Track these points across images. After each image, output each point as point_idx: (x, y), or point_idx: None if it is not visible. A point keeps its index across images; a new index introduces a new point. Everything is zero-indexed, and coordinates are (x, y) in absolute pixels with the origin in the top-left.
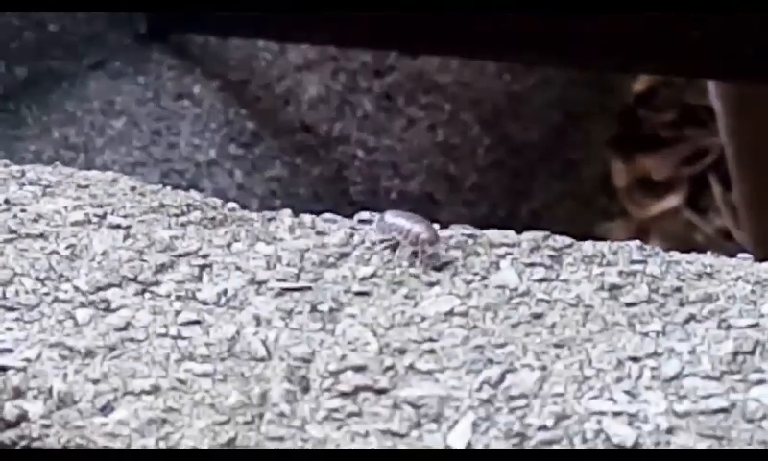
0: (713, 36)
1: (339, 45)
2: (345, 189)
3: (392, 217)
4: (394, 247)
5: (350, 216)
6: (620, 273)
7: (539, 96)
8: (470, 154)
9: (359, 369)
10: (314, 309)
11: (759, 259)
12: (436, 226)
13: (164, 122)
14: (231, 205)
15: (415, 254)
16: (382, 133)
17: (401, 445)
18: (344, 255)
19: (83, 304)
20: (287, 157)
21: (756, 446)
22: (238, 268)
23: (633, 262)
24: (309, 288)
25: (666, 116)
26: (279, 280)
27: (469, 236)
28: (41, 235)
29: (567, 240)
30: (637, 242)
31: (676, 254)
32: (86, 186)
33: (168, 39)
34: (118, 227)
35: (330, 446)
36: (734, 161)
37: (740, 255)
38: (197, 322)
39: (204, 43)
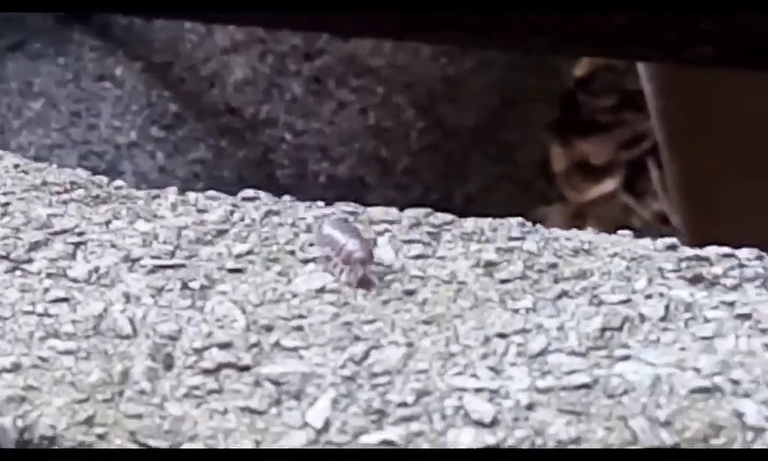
0: (640, 19)
1: (267, 27)
2: (271, 173)
3: (328, 228)
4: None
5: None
6: (498, 250)
7: (476, 80)
8: (403, 137)
9: (224, 346)
10: (185, 287)
11: (691, 242)
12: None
13: (84, 104)
14: (118, 183)
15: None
16: (311, 116)
17: (260, 422)
18: (221, 233)
19: None
20: (211, 139)
21: (614, 421)
22: (113, 245)
23: (511, 239)
24: (183, 266)
25: (606, 101)
26: (153, 258)
27: (351, 213)
28: None
29: (449, 217)
30: (519, 219)
31: (556, 231)
32: None
33: (90, 20)
34: None
35: (188, 424)
36: (665, 144)
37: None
38: (65, 299)
39: (128, 24)
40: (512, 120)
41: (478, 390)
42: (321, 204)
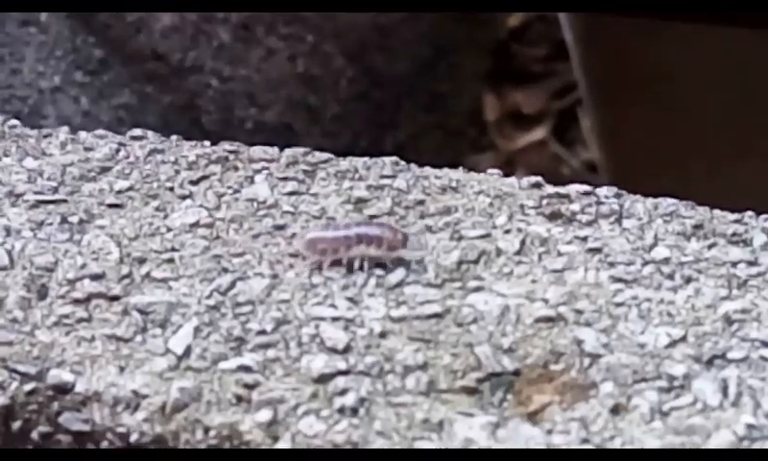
0: None
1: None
2: (197, 118)
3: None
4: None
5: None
6: (369, 187)
7: (407, 29)
8: (332, 85)
9: (96, 277)
10: (64, 221)
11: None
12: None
13: (7, 48)
14: (13, 122)
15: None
16: (238, 63)
17: (125, 349)
18: (105, 170)
19: None
20: (137, 85)
21: (460, 348)
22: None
23: (383, 177)
24: (64, 201)
25: (538, 51)
26: (36, 193)
27: (232, 152)
28: None
29: (325, 156)
30: (394, 158)
31: (427, 170)
32: None
33: None
34: None
35: (57, 350)
36: (586, 93)
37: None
38: None
39: None
40: (444, 70)
41: (335, 319)
42: (207, 143)
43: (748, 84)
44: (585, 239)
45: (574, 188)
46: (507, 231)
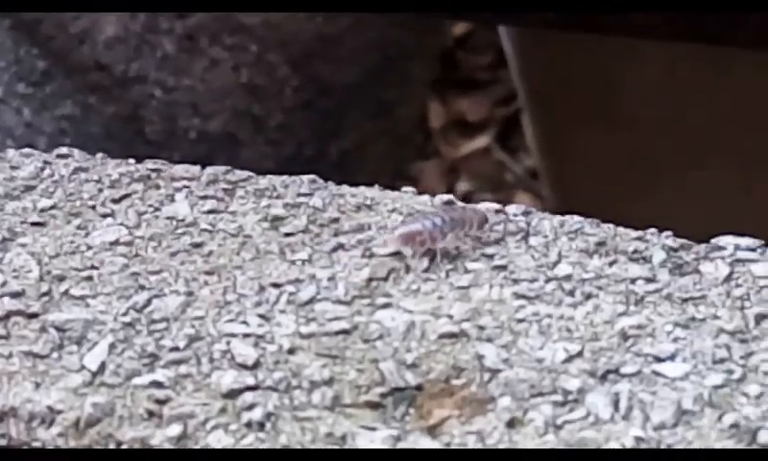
0: None
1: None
2: (140, 129)
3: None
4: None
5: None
6: (286, 205)
7: (353, 38)
8: (277, 94)
9: (16, 295)
10: None
11: (551, 194)
12: None
13: None
14: None
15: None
16: (182, 73)
17: (41, 366)
18: (29, 188)
19: None
20: (80, 96)
21: (366, 364)
22: None
23: (300, 195)
24: None
25: (483, 59)
26: None
27: (154, 170)
28: None
29: (246, 174)
30: (312, 176)
31: (344, 188)
32: None
33: None
34: None
35: None
36: (525, 103)
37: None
38: None
39: None
40: (390, 78)
41: (246, 335)
42: (132, 161)
43: (686, 97)
44: (491, 257)
45: (484, 206)
46: None
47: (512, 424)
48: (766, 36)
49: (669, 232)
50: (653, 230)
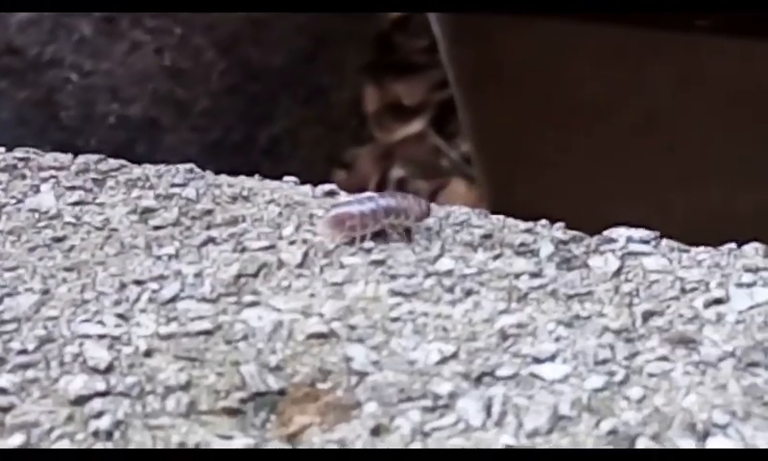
0: None
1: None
2: (55, 114)
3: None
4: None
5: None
6: (157, 196)
7: (284, 22)
8: (202, 78)
9: None
10: None
11: (483, 179)
12: None
13: None
14: None
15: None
16: (101, 56)
17: None
18: None
19: None
20: None
21: (226, 367)
22: None
23: (174, 185)
24: None
25: (420, 42)
26: None
27: (22, 159)
28: None
29: (118, 163)
30: (189, 165)
31: (222, 178)
32: None
33: None
34: None
35: None
36: (455, 88)
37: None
38: None
39: None
40: (324, 62)
41: (101, 336)
42: (1, 150)
43: (619, 83)
44: (369, 251)
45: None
46: (292, 243)
47: (377, 431)
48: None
49: (561, 224)
50: (544, 221)
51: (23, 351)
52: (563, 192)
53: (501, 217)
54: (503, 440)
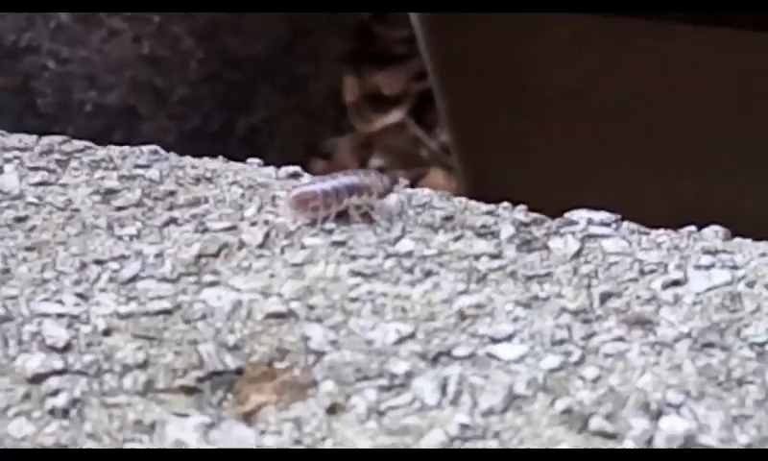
0: None
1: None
2: (31, 101)
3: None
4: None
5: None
6: (121, 177)
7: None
8: (181, 67)
9: None
10: None
11: (461, 171)
12: None
13: None
14: None
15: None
16: (78, 44)
17: None
18: None
19: None
20: None
21: (184, 346)
22: None
23: (137, 167)
24: None
25: (401, 32)
26: None
27: None
28: None
29: (82, 144)
30: (153, 147)
31: (186, 159)
32: None
33: None
34: None
35: None
36: (432, 78)
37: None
38: None
39: None
40: (303, 51)
41: (60, 315)
42: None
43: (593, 71)
44: (330, 232)
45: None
46: (253, 224)
47: (332, 410)
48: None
49: (523, 206)
50: (506, 203)
51: None
52: (537, 179)
53: (464, 199)
54: (457, 419)
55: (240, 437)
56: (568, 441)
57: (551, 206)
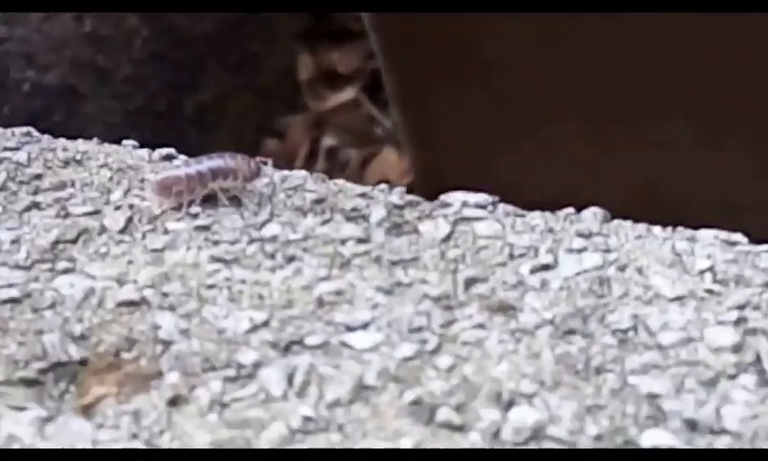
0: None
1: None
2: None
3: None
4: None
5: None
6: None
7: None
8: (125, 45)
9: None
10: None
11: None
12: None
13: None
14: None
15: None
16: (15, 22)
17: None
18: None
19: None
20: None
21: (29, 336)
22: None
23: (6, 149)
24: None
25: None
26: None
27: None
28: None
29: None
30: (27, 129)
31: (60, 141)
32: None
33: None
34: None
35: None
36: (379, 56)
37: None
38: None
39: None
40: (256, 29)
41: None
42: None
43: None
44: (196, 216)
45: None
46: (118, 208)
47: (174, 402)
48: None
49: (401, 188)
50: (383, 185)
51: None
52: (488, 160)
53: (340, 182)
54: (301, 411)
55: (76, 431)
56: (413, 434)
57: (498, 184)
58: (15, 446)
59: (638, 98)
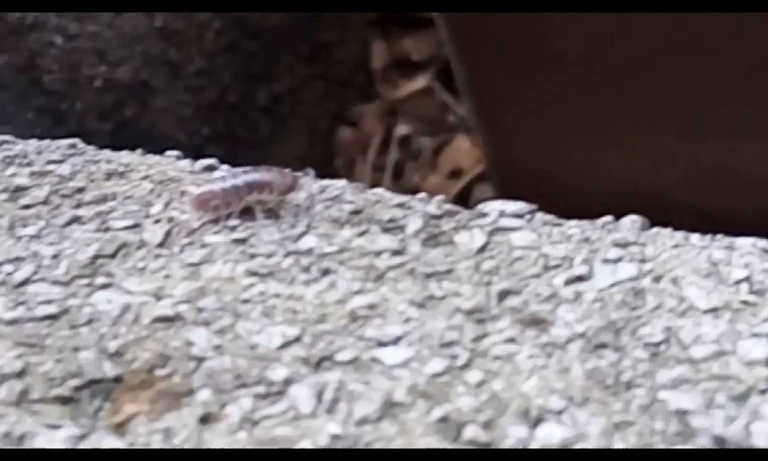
0: None
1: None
2: (36, 78)
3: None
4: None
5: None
6: (32, 174)
7: None
8: (196, 38)
9: None
10: None
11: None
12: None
13: None
14: None
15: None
16: (86, 19)
17: None
18: None
19: None
20: None
21: (65, 354)
22: None
23: (50, 162)
24: None
25: None
26: None
27: None
28: None
29: (1, 139)
30: (72, 140)
31: (104, 154)
32: None
33: None
34: None
35: None
36: (449, 43)
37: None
38: None
39: None
40: (328, 18)
41: None
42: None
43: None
44: (234, 229)
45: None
46: (157, 221)
47: (205, 420)
48: None
49: (441, 197)
50: (422, 195)
51: None
52: (558, 146)
53: (380, 191)
54: (330, 429)
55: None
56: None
57: (569, 171)
58: None
59: (706, 89)
